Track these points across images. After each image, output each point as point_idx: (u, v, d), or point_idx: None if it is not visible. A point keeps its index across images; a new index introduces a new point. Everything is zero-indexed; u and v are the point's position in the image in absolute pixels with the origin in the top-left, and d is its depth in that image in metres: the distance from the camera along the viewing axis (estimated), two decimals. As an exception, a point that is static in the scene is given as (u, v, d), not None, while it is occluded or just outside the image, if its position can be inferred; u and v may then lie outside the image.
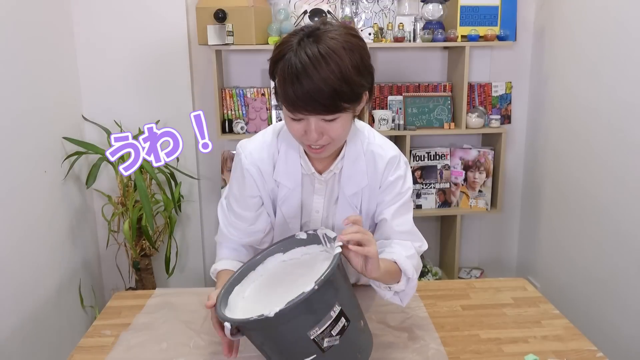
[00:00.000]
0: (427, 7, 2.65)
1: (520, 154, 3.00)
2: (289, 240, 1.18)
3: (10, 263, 1.96)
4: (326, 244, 1.14)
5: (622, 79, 2.11)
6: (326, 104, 1.04)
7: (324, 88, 1.02)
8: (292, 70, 1.03)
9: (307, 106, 1.04)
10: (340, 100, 1.05)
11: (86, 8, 2.54)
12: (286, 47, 1.06)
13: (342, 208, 1.30)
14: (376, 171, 1.28)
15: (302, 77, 1.01)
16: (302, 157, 1.26)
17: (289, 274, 1.14)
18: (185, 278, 2.91)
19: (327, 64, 1.02)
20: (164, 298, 1.48)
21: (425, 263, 2.98)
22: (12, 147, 1.99)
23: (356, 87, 1.06)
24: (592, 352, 1.22)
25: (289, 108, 1.07)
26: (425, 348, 1.22)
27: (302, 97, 1.03)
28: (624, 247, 2.12)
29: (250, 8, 2.38)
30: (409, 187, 1.31)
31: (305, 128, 1.10)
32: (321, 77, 1.01)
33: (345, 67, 1.03)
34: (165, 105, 2.68)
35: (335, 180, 1.29)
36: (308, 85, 1.01)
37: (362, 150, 1.27)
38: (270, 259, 1.18)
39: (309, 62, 1.01)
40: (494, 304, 1.45)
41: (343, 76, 1.03)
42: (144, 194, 2.29)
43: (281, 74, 1.05)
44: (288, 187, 1.28)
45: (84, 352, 1.24)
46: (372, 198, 1.30)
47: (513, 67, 2.88)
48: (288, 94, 1.04)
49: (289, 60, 1.03)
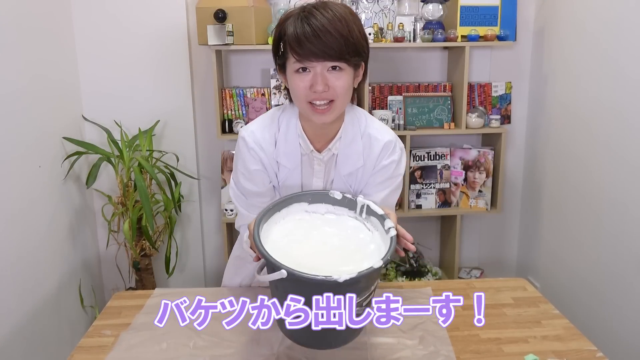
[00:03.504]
0: (427, 7, 2.65)
1: (520, 154, 3.00)
2: (320, 193, 1.20)
3: (11, 263, 1.96)
4: (361, 214, 1.16)
5: (622, 79, 2.11)
6: (332, 47, 1.12)
7: (330, 29, 1.11)
8: (300, 17, 1.13)
9: (315, 46, 1.11)
10: (346, 47, 1.13)
11: (86, 8, 2.54)
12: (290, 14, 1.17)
13: (337, 187, 1.33)
14: (371, 153, 1.32)
15: (311, 21, 1.11)
16: (300, 136, 1.31)
17: (317, 228, 1.16)
18: (185, 278, 2.91)
19: (332, 11, 1.13)
20: (163, 298, 1.47)
21: (425, 263, 2.98)
22: (12, 147, 1.99)
23: (359, 44, 1.15)
24: (592, 352, 1.22)
25: (297, 52, 1.13)
26: (435, 354, 1.21)
27: (311, 36, 1.11)
28: (624, 246, 2.12)
29: (250, 8, 2.38)
30: (401, 172, 1.36)
31: (311, 81, 1.16)
32: (328, 21, 1.11)
33: (352, 23, 1.14)
34: (165, 106, 2.68)
35: (332, 161, 1.34)
36: (316, 24, 1.11)
37: (359, 132, 1.32)
38: (296, 205, 1.18)
39: (315, 10, 1.13)
40: (494, 304, 1.44)
41: (349, 28, 1.13)
42: (144, 194, 2.29)
43: (290, 25, 1.15)
44: (288, 167, 1.32)
45: (84, 352, 1.24)
46: (364, 179, 1.35)
47: (513, 67, 2.88)
48: (297, 34, 1.12)
49: (297, 18, 1.14)
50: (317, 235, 1.13)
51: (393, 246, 1.03)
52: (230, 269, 1.59)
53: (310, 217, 1.18)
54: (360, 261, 1.04)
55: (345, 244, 1.03)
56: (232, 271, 1.58)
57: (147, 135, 2.55)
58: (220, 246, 2.94)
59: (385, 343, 1.24)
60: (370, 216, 1.16)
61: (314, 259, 1.05)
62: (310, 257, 1.05)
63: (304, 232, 1.14)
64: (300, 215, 1.18)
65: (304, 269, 0.95)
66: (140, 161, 2.38)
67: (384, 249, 1.07)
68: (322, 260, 1.05)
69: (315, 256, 1.07)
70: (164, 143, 2.73)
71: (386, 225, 1.10)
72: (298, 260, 1.00)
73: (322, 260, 1.05)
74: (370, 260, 1.01)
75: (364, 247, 1.12)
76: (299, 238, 1.12)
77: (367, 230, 1.15)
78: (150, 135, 2.57)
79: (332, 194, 1.19)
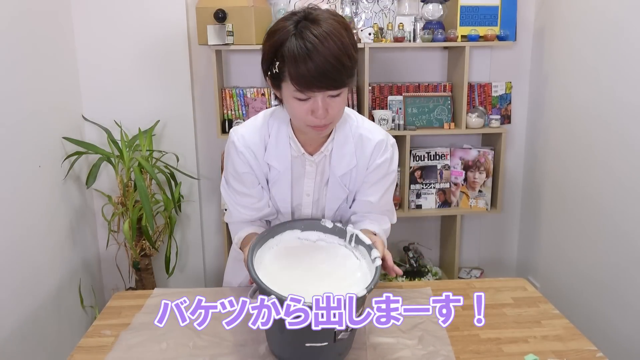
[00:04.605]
0: (427, 7, 2.65)
1: (520, 154, 3.00)
2: (311, 222, 1.27)
3: (11, 263, 1.95)
4: (350, 242, 1.22)
5: (622, 79, 2.11)
6: (335, 78, 1.11)
7: (334, 63, 1.09)
8: (302, 50, 1.09)
9: (319, 82, 1.10)
10: (345, 74, 1.13)
11: (86, 8, 2.54)
12: (284, 32, 1.12)
13: (333, 188, 1.36)
14: (364, 153, 1.34)
15: (313, 55, 1.08)
16: (291, 139, 1.31)
17: (307, 255, 1.20)
18: (185, 278, 2.91)
19: (333, 41, 1.09)
20: (163, 298, 1.47)
21: (425, 263, 2.98)
22: (12, 147, 1.99)
23: (354, 62, 1.15)
24: (592, 352, 1.22)
25: (300, 87, 1.12)
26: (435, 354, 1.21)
27: (315, 74, 1.09)
28: (624, 246, 2.12)
29: (250, 8, 2.38)
30: (395, 168, 1.40)
31: (311, 107, 1.16)
32: (330, 53, 1.08)
33: (347, 43, 1.12)
34: (165, 106, 2.68)
35: (325, 162, 1.35)
36: (319, 61, 1.08)
37: (350, 133, 1.33)
38: (289, 232, 1.25)
39: (317, 41, 1.08)
40: (494, 303, 1.44)
41: (347, 52, 1.11)
42: (144, 194, 2.29)
43: (290, 55, 1.10)
44: (278, 169, 1.33)
45: (84, 352, 1.24)
46: (359, 178, 1.37)
47: (513, 67, 2.88)
48: (300, 72, 1.09)
49: (295, 43, 1.09)
50: (308, 262, 1.19)
51: (377, 276, 1.08)
52: (230, 270, 1.59)
53: (302, 244, 1.25)
54: (348, 287, 1.09)
55: (334, 271, 1.09)
56: (231, 273, 1.59)
57: (147, 135, 2.55)
58: (221, 246, 2.94)
59: (384, 343, 1.24)
60: (358, 245, 1.22)
61: (303, 284, 1.12)
62: (300, 283, 1.12)
63: (295, 259, 1.19)
64: (293, 242, 1.24)
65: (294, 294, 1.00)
66: (140, 161, 2.38)
67: (369, 277, 1.13)
68: (311, 286, 1.11)
69: (305, 282, 1.13)
70: (164, 143, 2.73)
71: (372, 255, 1.16)
72: (288, 286, 1.06)
73: (311, 286, 1.10)
74: (357, 287, 1.07)
75: (351, 274, 1.17)
76: (290, 264, 1.18)
77: (355, 258, 1.21)
78: (150, 135, 2.57)
79: (323, 223, 1.25)
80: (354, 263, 1.20)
